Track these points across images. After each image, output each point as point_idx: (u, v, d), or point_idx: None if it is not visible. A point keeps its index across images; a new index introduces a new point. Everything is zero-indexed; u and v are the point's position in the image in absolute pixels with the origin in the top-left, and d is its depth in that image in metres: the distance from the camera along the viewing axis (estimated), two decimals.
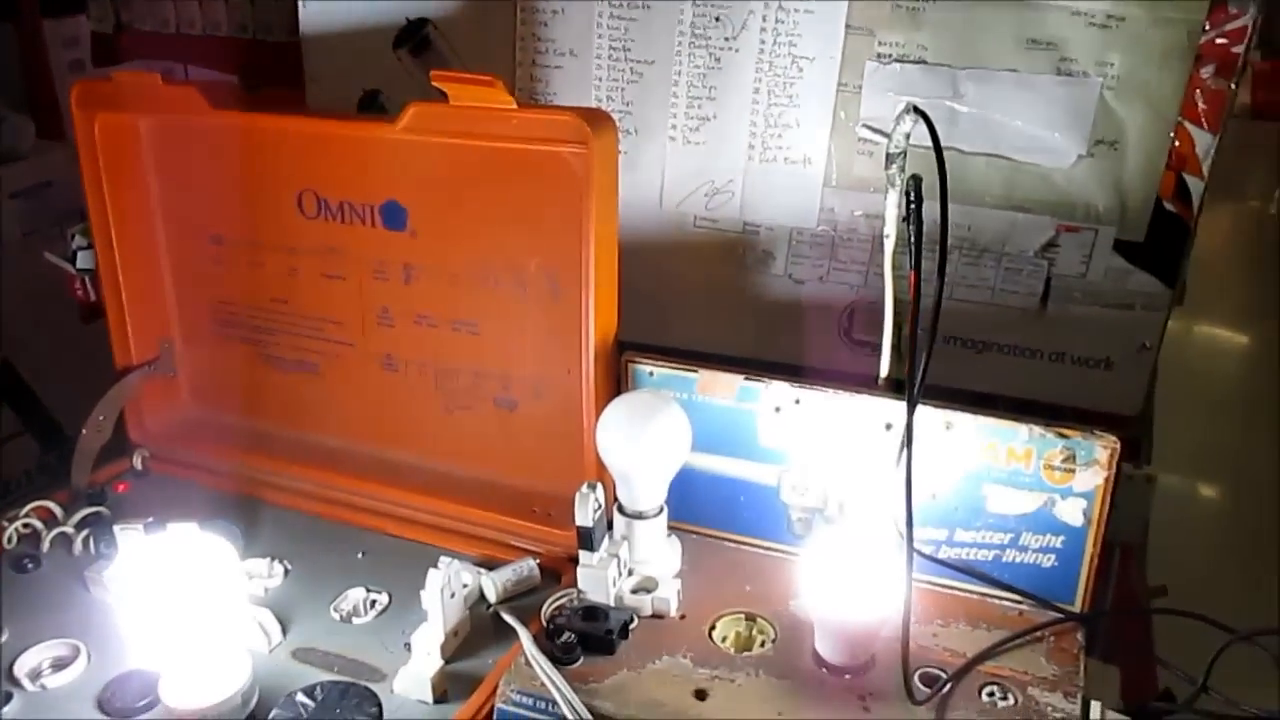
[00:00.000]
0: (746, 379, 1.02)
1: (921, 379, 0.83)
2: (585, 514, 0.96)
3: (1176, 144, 0.98)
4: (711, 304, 1.14)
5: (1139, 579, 1.23)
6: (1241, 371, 3.81)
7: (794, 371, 1.03)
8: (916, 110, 0.82)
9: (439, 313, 1.14)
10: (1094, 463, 0.92)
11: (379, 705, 0.85)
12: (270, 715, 0.84)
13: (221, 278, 1.25)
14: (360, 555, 1.11)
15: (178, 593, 0.85)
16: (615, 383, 1.07)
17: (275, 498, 1.20)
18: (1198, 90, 0.97)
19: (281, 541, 1.13)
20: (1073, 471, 0.93)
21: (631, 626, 0.95)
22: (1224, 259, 4.64)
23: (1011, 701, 0.87)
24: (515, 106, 0.99)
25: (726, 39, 1.06)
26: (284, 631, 1.00)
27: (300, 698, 0.86)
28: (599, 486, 0.97)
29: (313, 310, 1.21)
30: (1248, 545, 2.57)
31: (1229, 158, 1.00)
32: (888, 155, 0.84)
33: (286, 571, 1.09)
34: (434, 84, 0.99)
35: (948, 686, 0.88)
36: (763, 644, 0.95)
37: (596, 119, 0.98)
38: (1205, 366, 3.69)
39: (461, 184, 1.07)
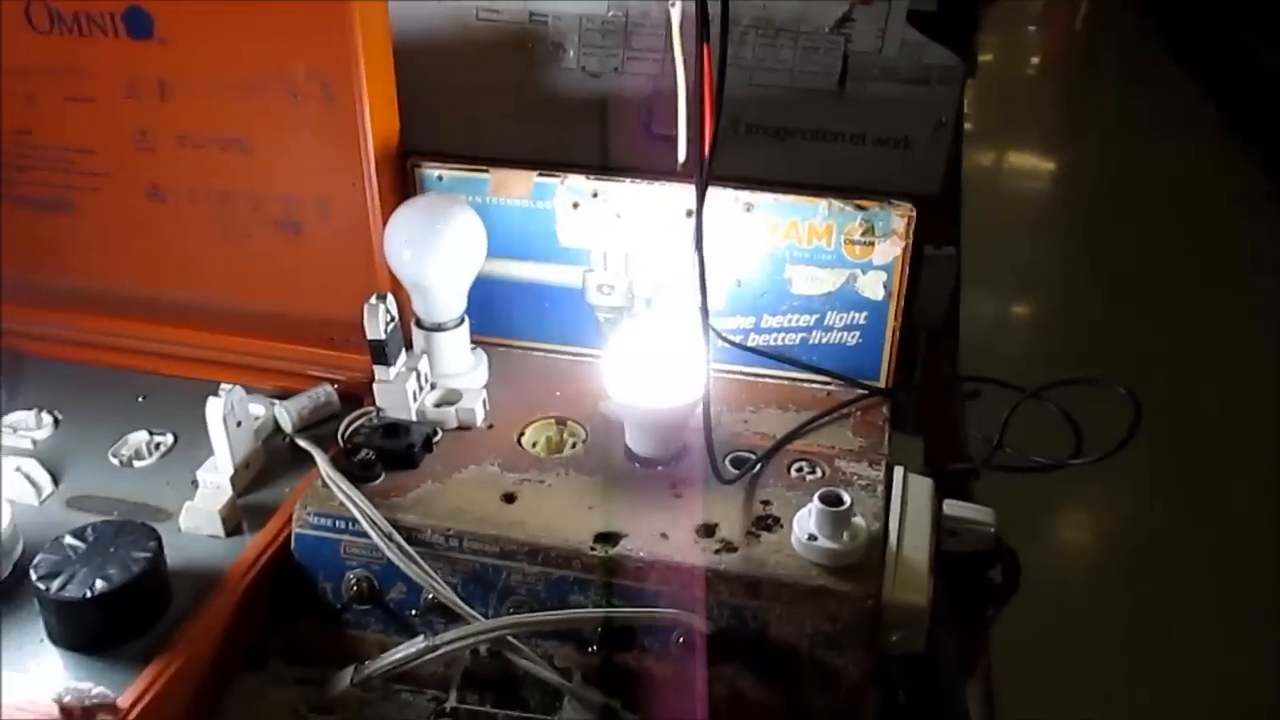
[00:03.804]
0: (541, 175, 0.97)
1: (712, 150, 0.79)
2: (376, 327, 0.90)
3: None
4: (503, 104, 1.06)
5: (951, 365, 1.26)
6: (1050, 192, 3.98)
7: (586, 169, 0.98)
8: None
9: (204, 131, 1.03)
10: (891, 233, 0.92)
11: (158, 539, 0.79)
12: (34, 561, 0.77)
13: None
14: (141, 399, 1.03)
15: None
16: (402, 192, 1.00)
17: (41, 349, 1.09)
18: None
19: (50, 392, 1.03)
20: (872, 244, 0.92)
21: (435, 440, 0.91)
22: (1033, 88, 4.79)
23: (819, 474, 0.88)
24: None
25: None
26: (56, 481, 0.92)
27: (69, 540, 0.78)
28: (389, 297, 0.91)
29: (59, 140, 1.08)
30: (1056, 354, 2.73)
31: None
32: None
33: (57, 422, 1.00)
34: None
35: (757, 466, 0.88)
36: (574, 446, 0.93)
37: None
38: (1016, 190, 3.84)
39: None
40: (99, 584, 0.75)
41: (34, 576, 0.76)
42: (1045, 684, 1.75)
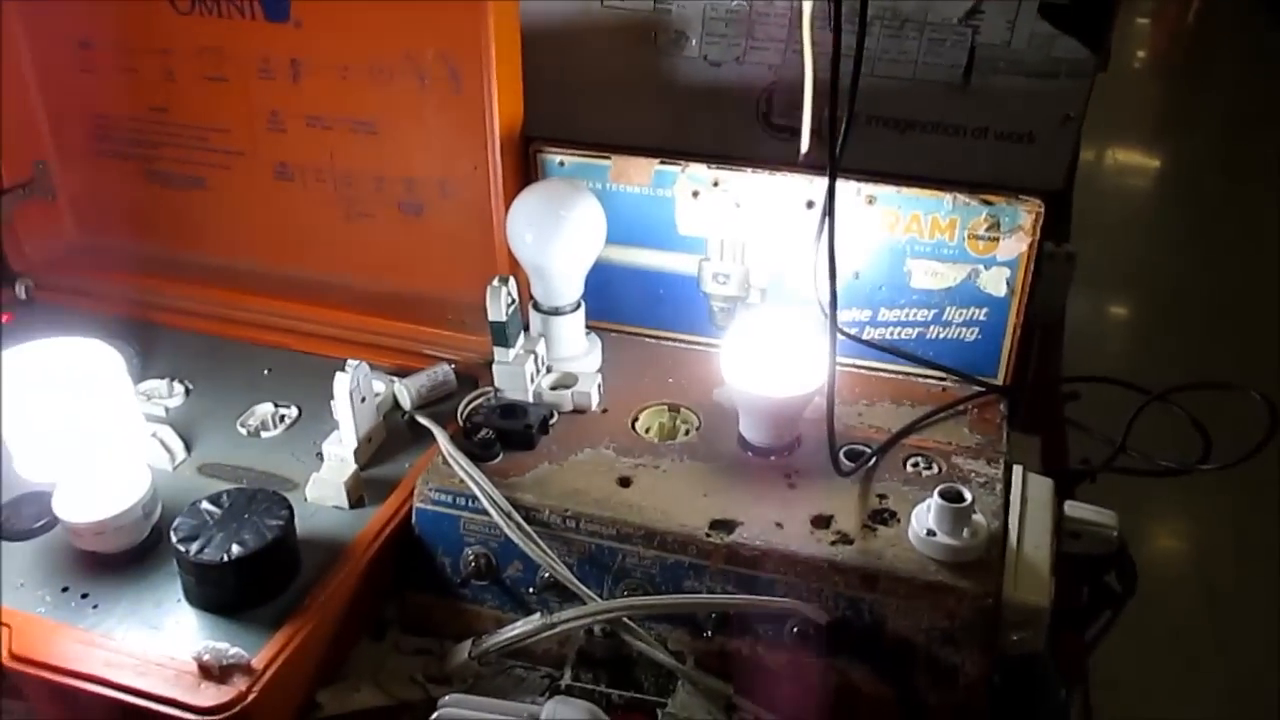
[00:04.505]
0: (662, 163, 0.98)
1: (844, 139, 0.79)
2: (498, 308, 0.92)
3: None
4: (623, 93, 1.07)
5: (1056, 362, 1.23)
6: (1155, 190, 3.87)
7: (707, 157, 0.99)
8: None
9: (332, 113, 1.06)
10: (1018, 229, 0.90)
11: (289, 508, 0.82)
12: (174, 524, 0.80)
13: (94, 87, 1.15)
14: (266, 372, 1.06)
15: (59, 399, 0.79)
16: (524, 177, 1.01)
17: (172, 320, 1.14)
18: None
19: (181, 363, 1.07)
20: (996, 240, 0.91)
21: (551, 422, 0.93)
22: (1140, 82, 4.65)
23: (936, 470, 0.87)
24: None
25: None
26: (188, 449, 0.96)
27: (205, 505, 0.82)
28: (511, 280, 0.93)
29: (195, 118, 1.12)
30: (1151, 354, 2.65)
31: None
32: None
33: (188, 391, 1.04)
34: None
35: (873, 460, 0.87)
36: (687, 433, 0.94)
37: None
38: (1119, 186, 3.74)
39: None
40: (235, 548, 0.78)
41: (174, 539, 0.79)
42: (1135, 690, 1.72)
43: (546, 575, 0.82)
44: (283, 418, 1.00)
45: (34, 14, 1.13)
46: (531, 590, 0.84)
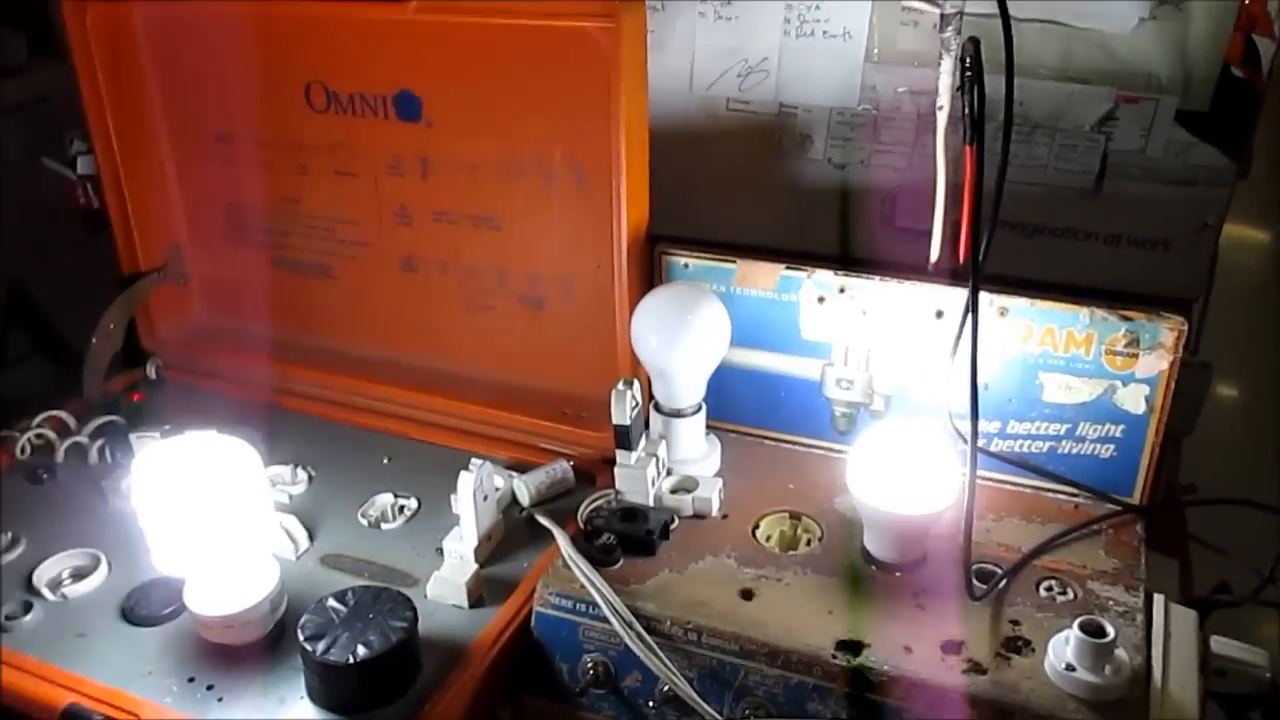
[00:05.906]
0: (788, 268, 0.97)
1: (983, 259, 0.78)
2: (622, 412, 0.92)
3: (1246, 2, 0.91)
4: (746, 193, 1.08)
5: (1173, 470, 1.19)
6: (1261, 268, 3.74)
7: (833, 263, 0.98)
8: None
9: (459, 208, 1.09)
10: (1159, 346, 0.87)
11: (414, 609, 0.82)
12: (300, 621, 0.81)
13: (229, 178, 1.19)
14: (386, 460, 1.08)
15: (198, 497, 0.81)
16: (648, 277, 1.02)
17: (295, 405, 1.16)
18: None
19: (304, 448, 1.09)
20: (1135, 356, 0.88)
21: (672, 527, 0.92)
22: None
23: (1071, 596, 0.84)
24: None
25: None
26: (311, 538, 0.97)
27: (331, 603, 0.82)
28: (635, 383, 0.93)
29: (326, 210, 1.16)
30: (1268, 443, 2.53)
31: None
32: (941, 17, 0.78)
33: (310, 478, 1.05)
34: None
35: (1004, 582, 0.85)
36: (809, 543, 0.92)
37: None
38: (1234, 262, 3.62)
39: (479, 68, 1.01)
40: (361, 650, 0.78)
41: (300, 637, 0.79)
42: None
43: (666, 688, 0.81)
44: (402, 509, 1.01)
45: (175, 107, 1.19)
46: (650, 703, 0.83)
